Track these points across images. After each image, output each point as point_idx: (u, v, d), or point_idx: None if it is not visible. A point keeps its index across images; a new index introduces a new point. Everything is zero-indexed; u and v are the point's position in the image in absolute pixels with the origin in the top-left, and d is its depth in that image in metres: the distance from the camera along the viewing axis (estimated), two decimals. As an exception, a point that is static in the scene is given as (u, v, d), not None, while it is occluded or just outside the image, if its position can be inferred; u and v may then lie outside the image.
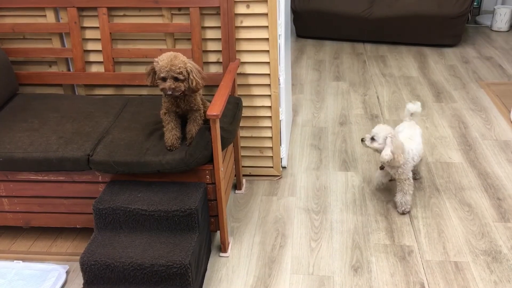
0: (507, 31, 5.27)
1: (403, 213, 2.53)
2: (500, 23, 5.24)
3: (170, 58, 2.00)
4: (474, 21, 5.58)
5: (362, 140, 2.45)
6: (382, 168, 2.57)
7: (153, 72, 2.06)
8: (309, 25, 5.14)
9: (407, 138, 2.50)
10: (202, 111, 2.18)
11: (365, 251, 2.32)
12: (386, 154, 2.34)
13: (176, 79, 2.01)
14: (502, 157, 3.01)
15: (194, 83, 2.03)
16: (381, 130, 2.38)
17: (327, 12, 4.95)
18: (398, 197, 2.52)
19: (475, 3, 5.65)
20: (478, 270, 2.18)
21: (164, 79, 2.02)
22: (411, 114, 2.61)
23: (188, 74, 2.02)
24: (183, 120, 2.20)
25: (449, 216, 2.52)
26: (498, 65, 4.39)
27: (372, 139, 2.41)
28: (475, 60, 4.52)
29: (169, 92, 2.02)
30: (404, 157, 2.40)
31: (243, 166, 2.84)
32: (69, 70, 2.77)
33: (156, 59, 2.03)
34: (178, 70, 1.99)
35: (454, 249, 2.30)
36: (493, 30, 5.31)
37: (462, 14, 4.61)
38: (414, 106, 2.59)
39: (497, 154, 3.04)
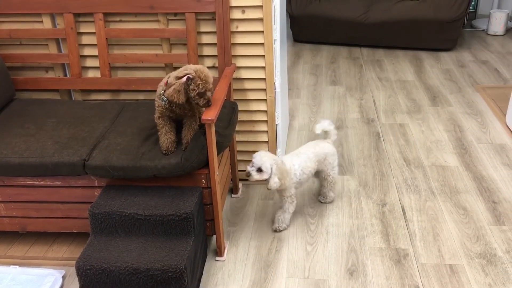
0: (503, 35, 5.30)
1: (275, 231, 2.47)
2: (496, 27, 5.26)
3: (205, 72, 2.03)
4: (470, 25, 5.61)
5: (248, 175, 2.28)
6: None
7: (185, 87, 2.01)
8: (306, 30, 5.17)
9: (293, 154, 2.45)
10: (198, 116, 2.19)
11: (360, 254, 2.32)
12: (275, 182, 2.27)
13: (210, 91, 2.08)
14: (498, 160, 3.02)
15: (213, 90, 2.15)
16: (265, 160, 2.26)
17: (324, 17, 4.97)
18: (278, 213, 2.47)
19: (471, 7, 5.68)
20: (473, 273, 2.19)
21: (201, 94, 2.04)
22: (325, 133, 2.56)
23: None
24: (178, 124, 2.22)
25: (444, 219, 2.53)
26: (494, 69, 4.42)
27: (259, 170, 2.27)
28: (471, 64, 4.54)
29: (211, 104, 2.09)
30: (290, 179, 2.36)
31: (239, 170, 2.85)
32: (65, 75, 2.78)
33: (187, 73, 2.01)
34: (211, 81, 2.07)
35: (449, 252, 2.31)
36: (489, 34, 5.34)
37: (458, 18, 4.63)
38: (322, 125, 2.52)
39: (492, 157, 3.05)
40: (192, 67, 2.04)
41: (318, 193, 2.72)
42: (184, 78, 2.00)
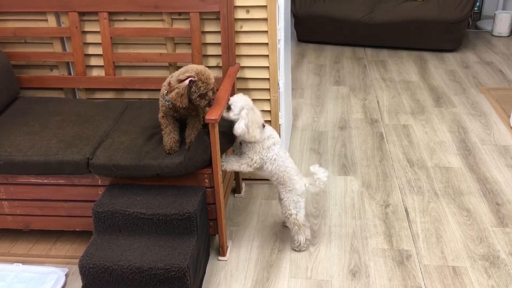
0: (508, 36, 5.27)
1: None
2: (501, 28, 5.24)
3: (207, 72, 2.05)
4: (475, 26, 5.59)
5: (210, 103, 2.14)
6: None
7: (187, 90, 2.01)
8: (310, 30, 5.16)
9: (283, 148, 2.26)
10: (201, 115, 2.19)
11: (363, 255, 2.32)
12: (239, 127, 2.10)
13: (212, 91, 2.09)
14: (502, 162, 3.01)
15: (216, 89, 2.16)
16: (238, 100, 2.13)
17: (328, 17, 4.97)
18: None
19: (475, 8, 5.66)
20: (476, 275, 2.18)
21: (203, 96, 2.05)
22: (314, 176, 2.27)
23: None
24: (182, 123, 2.22)
25: (448, 220, 2.53)
26: (498, 70, 4.40)
27: (229, 108, 2.15)
28: (475, 65, 4.53)
29: (211, 104, 2.11)
30: (260, 133, 2.15)
31: (242, 170, 2.85)
32: (70, 74, 2.79)
33: (188, 75, 2.00)
34: (212, 83, 2.07)
35: (452, 254, 2.31)
36: (493, 35, 5.32)
37: (462, 19, 4.62)
38: (316, 170, 2.25)
39: (496, 159, 3.04)
40: (193, 68, 2.04)
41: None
42: (187, 81, 2.00)
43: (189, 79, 2.00)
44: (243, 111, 2.12)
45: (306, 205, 2.65)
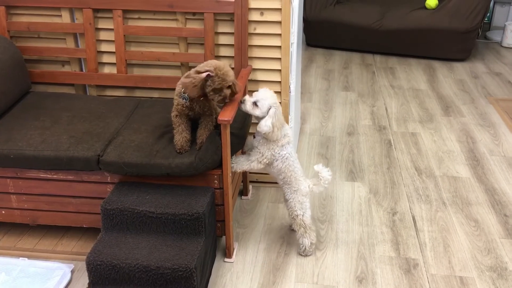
0: (517, 47, 5.27)
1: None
2: (510, 39, 5.24)
3: (227, 68, 2.03)
4: (484, 36, 5.59)
5: (242, 101, 2.11)
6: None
7: (203, 82, 2.02)
8: (319, 35, 5.16)
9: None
10: (214, 116, 2.19)
11: (370, 262, 2.31)
12: (266, 125, 2.06)
13: (229, 87, 2.07)
14: (510, 173, 3.00)
15: (237, 87, 2.11)
16: (266, 97, 2.07)
17: (338, 22, 4.97)
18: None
19: (485, 19, 5.65)
20: (483, 286, 2.17)
21: (217, 91, 2.03)
22: (317, 176, 2.25)
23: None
24: (194, 123, 2.21)
25: (455, 230, 2.52)
26: (507, 81, 4.39)
27: (255, 104, 2.09)
28: (484, 75, 4.52)
29: (227, 101, 2.10)
30: (281, 134, 2.14)
31: (250, 173, 2.85)
32: (81, 70, 2.79)
33: (207, 69, 2.00)
34: (232, 77, 2.06)
35: (460, 264, 2.29)
36: (503, 46, 5.31)
37: (473, 29, 4.61)
38: (320, 169, 2.22)
39: (505, 170, 3.03)
40: (213, 64, 2.04)
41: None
42: (204, 74, 2.01)
43: (207, 72, 2.01)
44: (271, 109, 2.09)
45: (312, 210, 2.64)
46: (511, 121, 3.62)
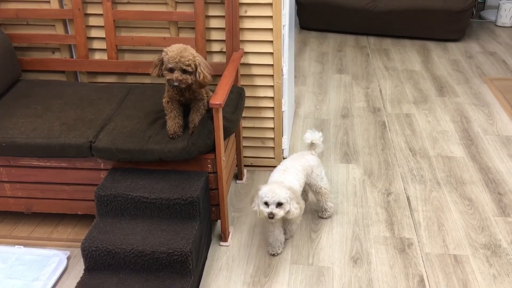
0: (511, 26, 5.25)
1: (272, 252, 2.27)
2: (505, 18, 5.21)
3: (180, 50, 1.99)
4: (479, 16, 5.55)
5: (271, 216, 2.03)
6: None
7: (161, 63, 2.05)
8: (313, 17, 5.12)
9: (281, 171, 2.23)
10: (206, 100, 2.18)
11: (365, 242, 2.33)
12: (296, 208, 2.07)
13: (184, 71, 2.00)
14: (504, 152, 3.01)
15: (201, 77, 2.02)
16: (280, 192, 2.04)
17: (331, 4, 4.93)
18: (284, 225, 2.30)
19: (480, -2, 5.62)
20: (477, 264, 2.19)
21: (171, 70, 2.01)
22: (311, 144, 2.38)
23: (196, 67, 2.02)
24: (185, 108, 2.20)
25: (450, 209, 2.53)
26: (501, 60, 4.38)
27: (279, 205, 2.04)
28: (479, 55, 4.51)
29: (175, 84, 2.01)
30: (300, 204, 2.13)
31: (244, 156, 2.84)
32: (72, 57, 2.77)
33: (165, 50, 2.02)
34: (187, 62, 1.99)
35: (454, 243, 2.31)
36: (497, 26, 5.28)
37: (466, 8, 4.58)
38: (312, 136, 2.35)
39: (498, 149, 3.04)
40: (174, 45, 2.03)
41: (318, 210, 2.52)
42: (161, 55, 2.05)
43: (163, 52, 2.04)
44: (289, 199, 2.05)
45: (308, 192, 2.65)
46: (505, 100, 3.61)
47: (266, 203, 2.05)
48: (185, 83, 2.02)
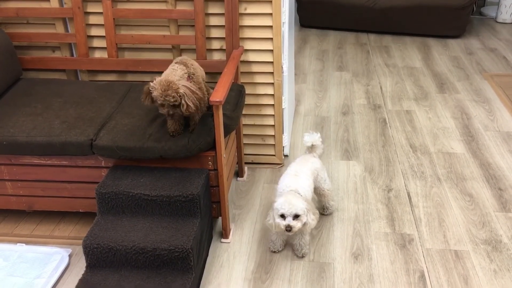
0: (512, 23, 5.24)
1: (302, 256, 2.23)
2: (505, 14, 5.20)
3: (164, 88, 1.98)
4: (479, 12, 5.55)
5: (289, 229, 2.00)
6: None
7: (150, 94, 2.05)
8: (313, 15, 5.12)
9: (292, 175, 2.21)
10: (206, 98, 2.18)
11: (365, 238, 2.33)
12: (313, 220, 2.06)
13: (173, 106, 2.01)
14: (504, 148, 3.01)
15: (185, 108, 2.02)
16: (296, 204, 2.00)
17: (331, 2, 4.92)
18: (296, 240, 2.22)
19: (480, -5, 5.61)
20: (478, 259, 2.19)
21: (162, 105, 2.03)
22: (312, 146, 2.37)
23: (181, 99, 2.01)
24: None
25: (450, 205, 2.53)
26: (502, 56, 4.38)
27: (296, 217, 2.01)
28: (479, 51, 4.50)
29: (168, 118, 2.08)
30: (315, 214, 2.12)
31: (245, 154, 2.85)
32: (72, 55, 2.77)
33: (152, 84, 2.00)
34: (172, 100, 1.98)
35: (455, 238, 2.31)
36: (497, 22, 5.28)
37: (467, 5, 4.58)
38: (311, 138, 2.34)
39: (499, 145, 3.04)
40: (161, 79, 1.99)
41: (319, 207, 2.48)
42: (146, 87, 2.05)
43: (150, 85, 2.02)
44: (306, 210, 2.04)
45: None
46: (505, 96, 3.61)
47: (283, 216, 2.01)
48: (176, 116, 2.06)
